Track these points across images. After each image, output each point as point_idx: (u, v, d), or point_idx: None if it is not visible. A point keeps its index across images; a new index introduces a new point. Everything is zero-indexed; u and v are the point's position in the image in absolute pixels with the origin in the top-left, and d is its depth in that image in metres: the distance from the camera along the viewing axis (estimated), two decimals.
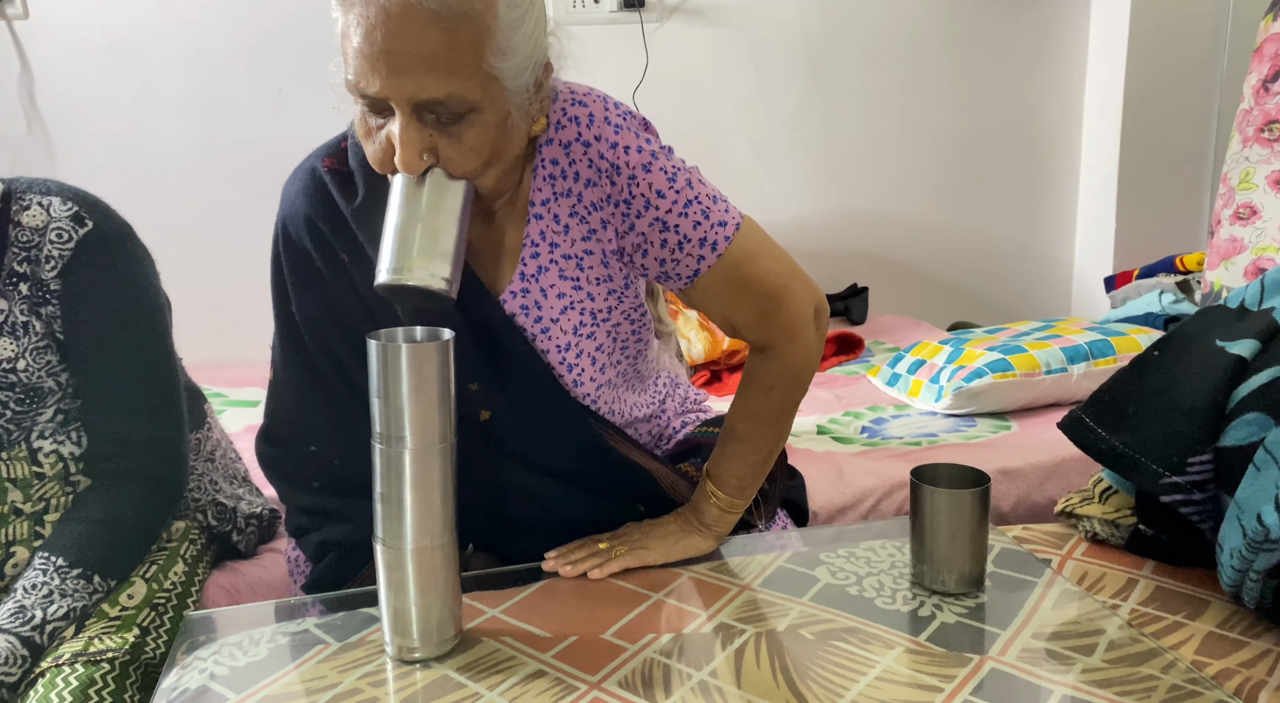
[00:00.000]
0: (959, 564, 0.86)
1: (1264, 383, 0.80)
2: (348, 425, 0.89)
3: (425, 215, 0.76)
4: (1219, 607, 0.85)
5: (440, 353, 0.72)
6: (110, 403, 1.00)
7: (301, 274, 0.93)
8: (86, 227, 0.97)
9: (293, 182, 0.95)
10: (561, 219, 0.89)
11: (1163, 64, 2.53)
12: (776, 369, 0.93)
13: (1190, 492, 0.83)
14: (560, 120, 0.87)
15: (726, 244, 0.88)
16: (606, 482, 0.96)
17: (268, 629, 0.83)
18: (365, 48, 0.72)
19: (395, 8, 0.71)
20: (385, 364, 0.71)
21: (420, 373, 0.71)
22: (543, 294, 0.91)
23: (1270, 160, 1.65)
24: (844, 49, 2.48)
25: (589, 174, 0.86)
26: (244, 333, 2.23)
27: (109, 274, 0.98)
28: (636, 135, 0.87)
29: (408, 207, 0.76)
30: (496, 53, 0.75)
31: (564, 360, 0.93)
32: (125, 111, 2.14)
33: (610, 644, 0.79)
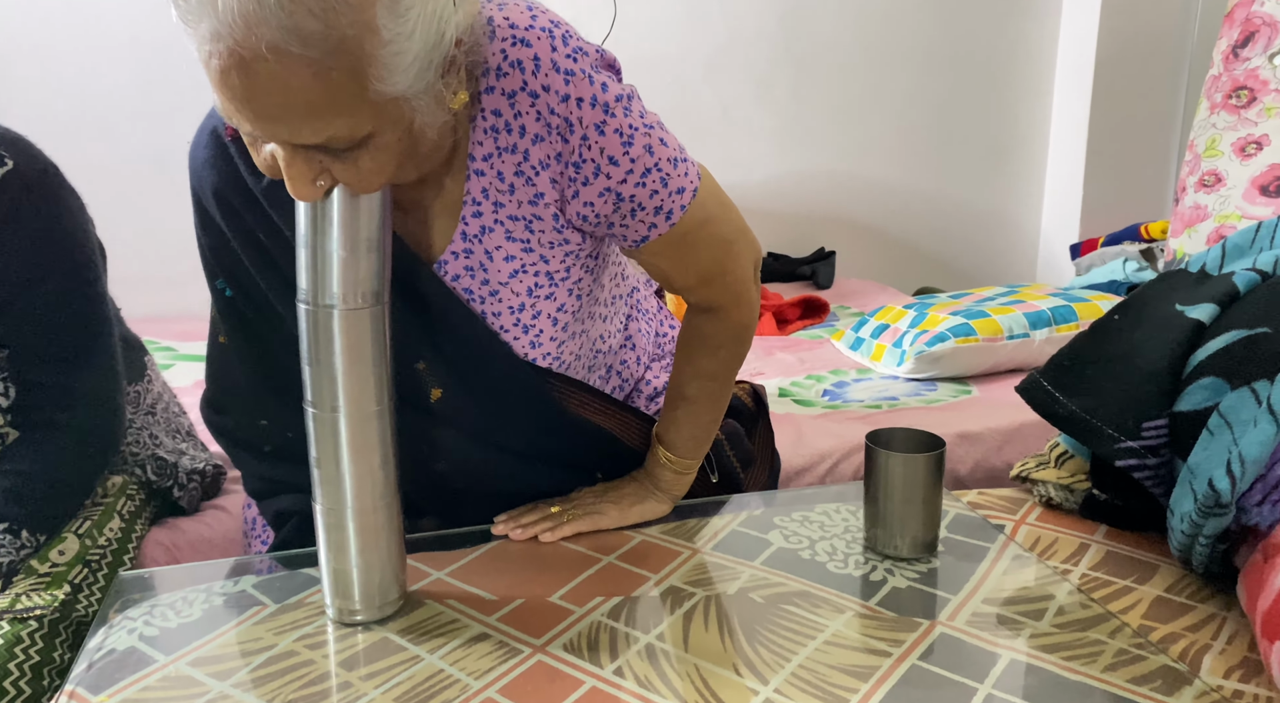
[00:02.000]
0: (912, 529, 0.85)
1: (1220, 347, 0.80)
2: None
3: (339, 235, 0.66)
4: (1167, 571, 0.85)
5: (373, 317, 0.68)
6: (38, 352, 0.95)
7: (221, 248, 0.87)
8: (5, 166, 0.91)
9: (198, 148, 0.86)
10: (506, 177, 0.79)
11: (1134, 29, 2.52)
12: (723, 328, 0.90)
13: (1145, 457, 0.83)
14: (501, 65, 0.75)
15: (681, 213, 0.82)
16: (565, 450, 0.93)
17: (203, 589, 0.81)
18: (225, 89, 0.60)
19: (249, 53, 0.58)
20: (316, 329, 0.67)
21: (352, 336, 0.67)
22: (488, 257, 0.83)
23: (1236, 127, 1.65)
24: (815, 6, 2.43)
25: (536, 128, 0.76)
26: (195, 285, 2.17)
27: (32, 217, 0.92)
28: (591, 81, 0.76)
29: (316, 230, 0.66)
30: (384, 75, 0.62)
31: (519, 322, 0.86)
32: (66, 48, 2.05)
33: (557, 608, 0.78)
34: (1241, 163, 1.62)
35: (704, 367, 0.92)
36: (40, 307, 0.94)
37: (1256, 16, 1.66)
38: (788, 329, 2.11)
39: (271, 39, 0.57)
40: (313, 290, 0.66)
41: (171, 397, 1.24)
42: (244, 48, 0.58)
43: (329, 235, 0.65)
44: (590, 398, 0.94)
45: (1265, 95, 1.62)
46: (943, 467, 0.85)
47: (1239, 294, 0.86)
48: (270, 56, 0.57)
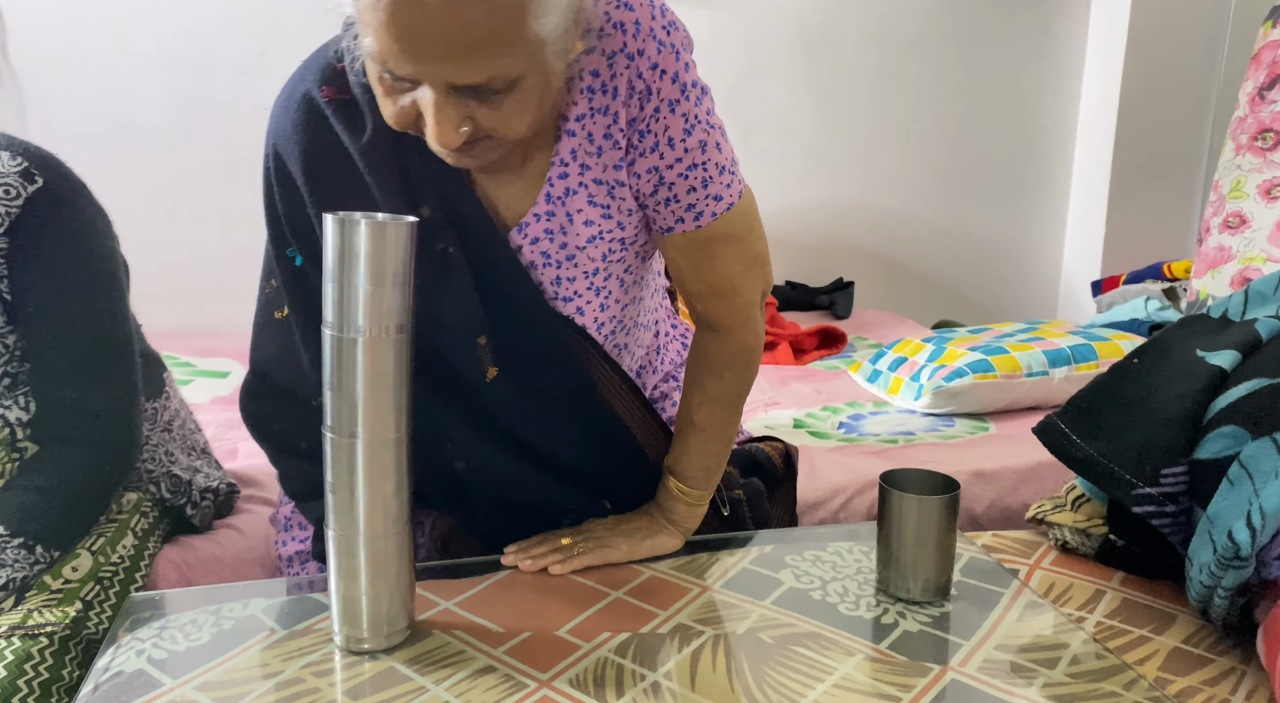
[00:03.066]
0: (924, 572, 0.84)
1: (1242, 395, 0.79)
2: None
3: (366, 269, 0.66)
4: (1185, 622, 0.84)
5: (396, 346, 0.69)
6: (59, 368, 0.96)
7: (297, 214, 0.85)
8: (36, 183, 0.93)
9: (285, 112, 0.83)
10: (595, 139, 0.79)
11: (1160, 67, 2.51)
12: (727, 350, 0.90)
13: (1163, 503, 0.81)
14: (604, 26, 0.75)
15: (711, 219, 0.83)
16: (585, 454, 0.92)
17: (212, 612, 0.81)
18: (392, 28, 0.62)
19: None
20: (339, 357, 0.68)
21: (375, 365, 0.68)
22: (569, 219, 0.83)
23: (1262, 169, 1.63)
24: (839, 37, 2.44)
25: (627, 92, 0.77)
26: (216, 302, 2.19)
27: (59, 233, 0.94)
28: (677, 57, 0.77)
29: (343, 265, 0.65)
30: (540, 14, 0.65)
31: (591, 285, 0.86)
32: (100, 68, 2.09)
33: (564, 642, 0.77)
34: (1267, 205, 1.61)
35: (711, 391, 0.92)
36: (65, 322, 0.96)
37: None
38: (804, 359, 2.11)
39: None
40: (338, 322, 0.67)
41: (188, 414, 1.25)
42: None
43: (356, 270, 0.65)
44: (622, 385, 0.94)
45: None
46: (957, 509, 0.84)
47: (1261, 342, 0.85)
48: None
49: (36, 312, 0.94)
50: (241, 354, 1.98)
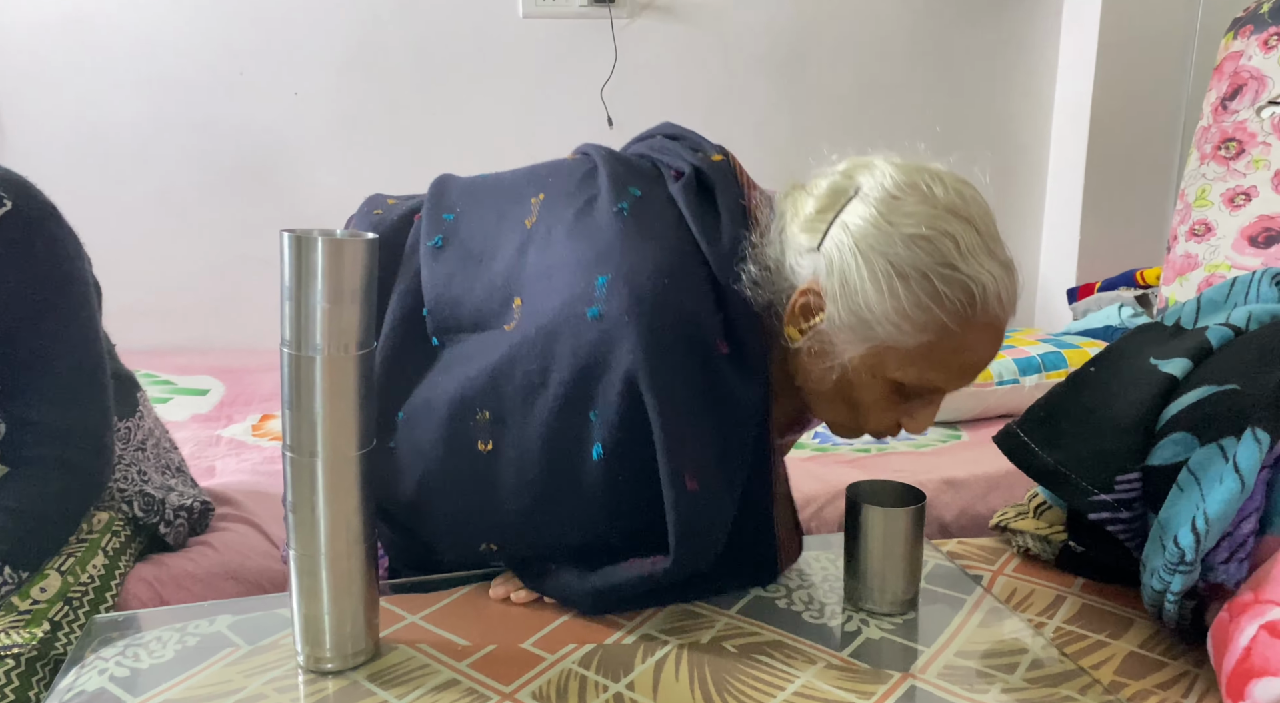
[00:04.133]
0: (892, 585, 0.85)
1: (1191, 402, 0.80)
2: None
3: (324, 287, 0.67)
4: (1141, 626, 0.85)
5: (356, 363, 0.69)
6: (30, 389, 0.96)
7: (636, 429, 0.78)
8: (4, 206, 0.93)
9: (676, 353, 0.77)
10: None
11: (1130, 79, 2.55)
12: None
13: (1118, 510, 0.83)
14: None
15: None
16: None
17: (177, 629, 0.81)
18: (975, 359, 0.77)
19: (1005, 324, 0.77)
20: (297, 375, 0.68)
21: (334, 382, 0.68)
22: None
23: (1225, 178, 1.66)
24: (813, 52, 2.47)
25: None
26: (194, 319, 2.20)
27: (29, 257, 0.94)
28: None
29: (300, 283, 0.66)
30: None
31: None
32: (75, 87, 2.09)
33: (529, 654, 0.78)
34: (1231, 214, 1.64)
35: None
36: (36, 346, 0.96)
37: (1244, 70, 1.68)
38: None
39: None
40: (295, 340, 0.67)
41: (163, 432, 1.25)
42: (1006, 325, 0.77)
43: (313, 288, 0.66)
44: None
45: (1253, 147, 1.64)
46: (923, 521, 0.85)
47: (1212, 349, 0.87)
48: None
49: (8, 334, 0.95)
50: (220, 371, 1.99)
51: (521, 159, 1.05)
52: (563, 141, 2.35)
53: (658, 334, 0.76)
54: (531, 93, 2.28)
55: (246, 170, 2.20)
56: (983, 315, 0.74)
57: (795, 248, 0.80)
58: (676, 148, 0.94)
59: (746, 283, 0.81)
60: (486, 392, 0.81)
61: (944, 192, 0.76)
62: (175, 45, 2.12)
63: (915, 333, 0.74)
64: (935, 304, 0.73)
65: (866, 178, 0.79)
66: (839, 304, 0.76)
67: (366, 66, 2.22)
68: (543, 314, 0.81)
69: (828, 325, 0.77)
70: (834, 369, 0.79)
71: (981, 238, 0.74)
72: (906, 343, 0.75)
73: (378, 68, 2.22)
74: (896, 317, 0.74)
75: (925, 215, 0.74)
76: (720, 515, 0.82)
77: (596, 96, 2.29)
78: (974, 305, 0.73)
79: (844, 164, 0.83)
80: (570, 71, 2.28)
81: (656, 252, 0.81)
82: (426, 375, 0.86)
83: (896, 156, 0.82)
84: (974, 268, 0.73)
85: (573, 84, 2.28)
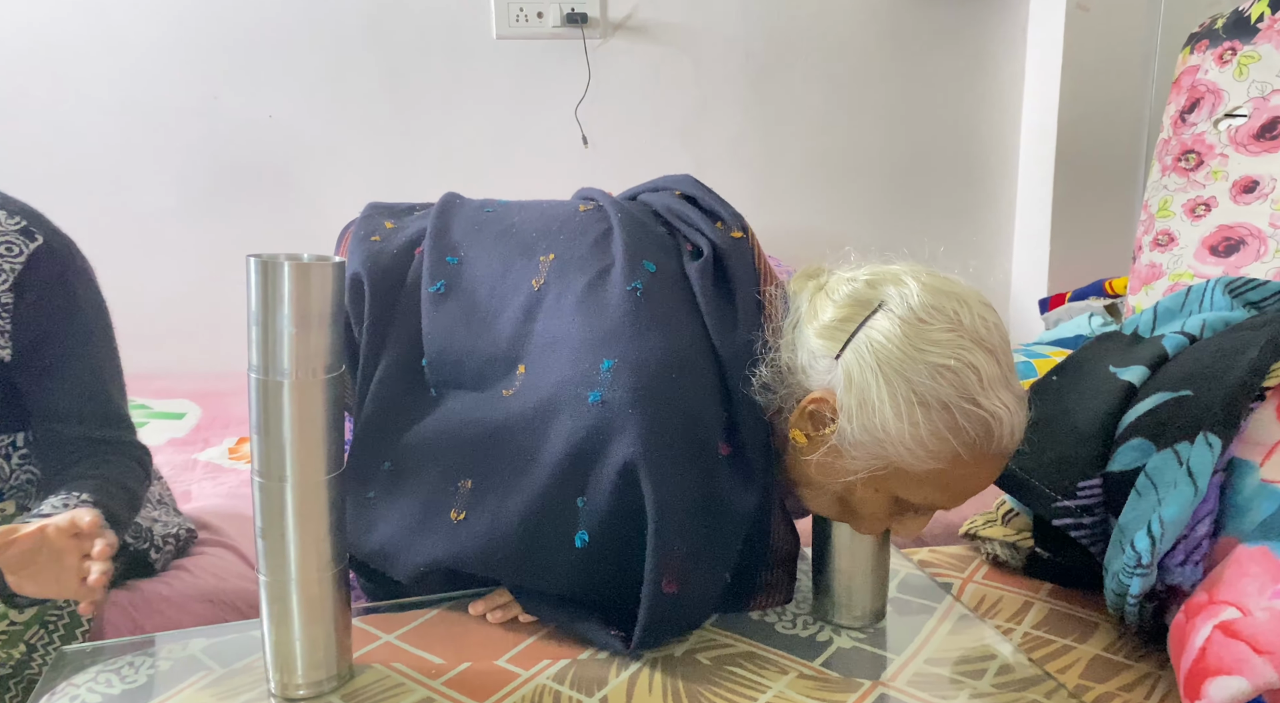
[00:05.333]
0: (859, 600, 0.86)
1: (1148, 409, 0.82)
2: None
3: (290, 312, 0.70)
4: (1106, 630, 0.87)
5: (325, 387, 0.70)
6: (75, 414, 0.98)
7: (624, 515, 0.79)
8: (37, 241, 0.96)
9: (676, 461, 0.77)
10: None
11: (1094, 94, 2.61)
12: None
13: (1080, 516, 0.85)
14: None
15: None
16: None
17: (150, 654, 0.81)
18: (978, 485, 0.77)
19: (1004, 462, 0.76)
20: (265, 400, 0.68)
21: (303, 407, 0.69)
22: None
23: (1186, 189, 1.70)
24: (785, 70, 2.51)
25: None
26: (170, 343, 2.19)
27: (64, 288, 0.97)
28: None
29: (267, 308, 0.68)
30: None
31: None
32: (49, 114, 2.09)
33: (503, 671, 0.78)
34: (1192, 224, 1.67)
35: None
36: (89, 370, 0.99)
37: (1201, 84, 1.73)
38: None
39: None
40: (262, 365, 0.68)
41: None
42: (1011, 451, 0.75)
43: (280, 312, 0.67)
44: None
45: (1212, 159, 1.68)
46: (889, 535, 0.87)
47: (1168, 357, 0.89)
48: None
49: (56, 363, 0.97)
50: (197, 395, 1.98)
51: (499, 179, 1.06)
52: (539, 161, 2.38)
53: (660, 428, 0.75)
54: (506, 113, 2.30)
55: (221, 194, 2.20)
56: (996, 447, 0.73)
57: (810, 350, 0.77)
58: (694, 216, 0.90)
59: (756, 386, 0.80)
60: (476, 460, 0.81)
61: (970, 319, 0.74)
62: (148, 71, 2.13)
63: (928, 459, 0.73)
64: (953, 435, 0.71)
65: (893, 292, 0.76)
66: (854, 422, 0.74)
67: (340, 89, 2.23)
68: (543, 389, 0.80)
69: (838, 439, 0.75)
70: (841, 482, 0.78)
71: (1001, 370, 0.73)
72: (917, 467, 0.73)
73: (352, 90, 2.23)
74: (913, 443, 0.72)
75: (952, 344, 0.72)
76: (691, 616, 0.83)
77: (571, 116, 2.31)
78: (990, 439, 0.72)
79: (866, 271, 0.80)
80: (544, 92, 2.30)
81: (667, 340, 0.79)
82: (420, 424, 0.85)
83: (922, 269, 0.80)
84: (994, 403, 0.71)
85: (547, 104, 2.30)
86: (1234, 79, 1.64)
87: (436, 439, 0.83)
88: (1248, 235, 1.56)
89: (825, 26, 2.53)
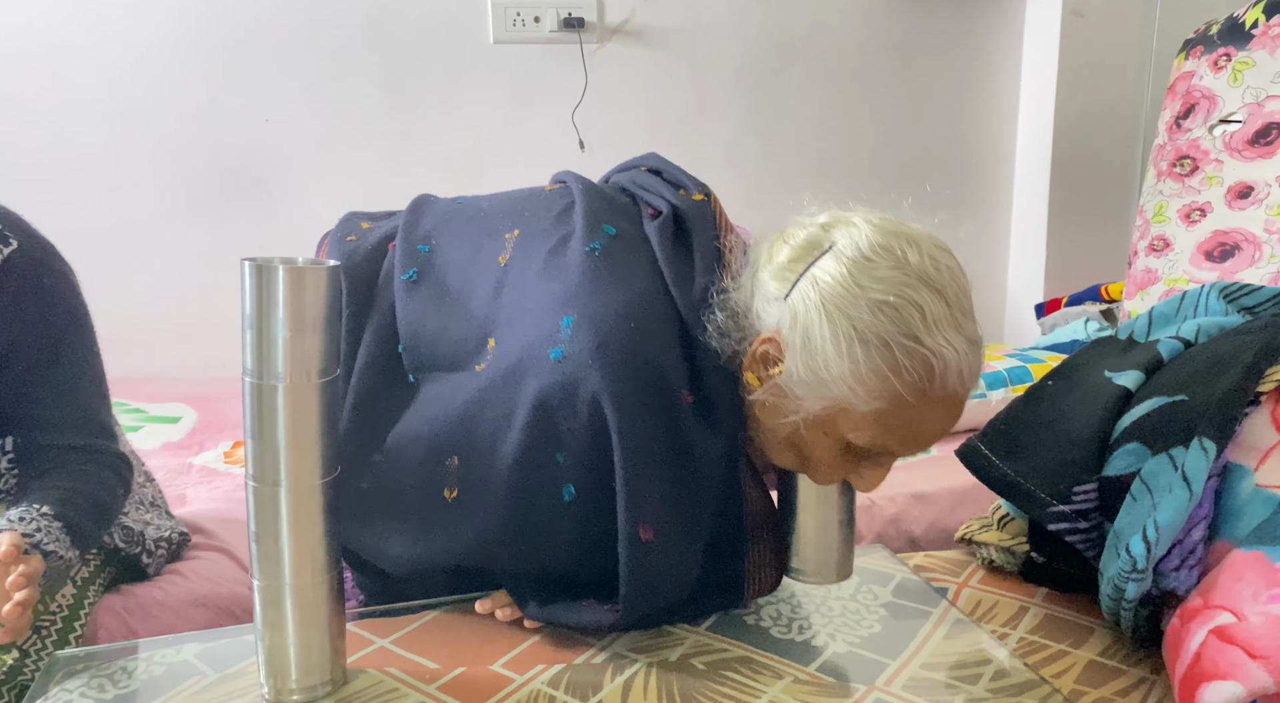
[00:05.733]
0: (821, 555, 0.86)
1: (1143, 414, 0.83)
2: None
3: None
4: (1102, 635, 0.87)
5: (319, 391, 0.70)
6: (51, 421, 0.98)
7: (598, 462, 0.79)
8: (11, 245, 0.95)
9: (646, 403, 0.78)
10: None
11: (1090, 100, 2.61)
12: None
13: (1076, 520, 0.85)
14: None
15: None
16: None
17: (144, 659, 0.81)
18: (929, 430, 0.76)
19: (965, 397, 0.75)
20: (259, 404, 0.68)
21: (297, 411, 0.69)
22: None
23: (1181, 194, 1.71)
24: (782, 74, 2.51)
25: None
26: (166, 346, 2.18)
27: (40, 293, 0.96)
28: None
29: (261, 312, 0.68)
30: None
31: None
32: (46, 117, 2.09)
33: (498, 676, 0.78)
34: (1187, 229, 1.68)
35: None
36: (63, 377, 0.98)
37: (1196, 90, 1.73)
38: None
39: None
40: (257, 369, 0.68)
41: (139, 464, 1.24)
42: (965, 398, 0.75)
43: (274, 317, 0.67)
44: None
45: (1206, 164, 1.68)
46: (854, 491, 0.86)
47: (1163, 361, 0.89)
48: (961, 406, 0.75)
49: (29, 370, 0.96)
50: (192, 398, 1.98)
51: (496, 184, 1.06)
52: (536, 165, 2.37)
53: (622, 378, 0.76)
54: (503, 117, 2.30)
55: (218, 198, 2.20)
56: (940, 389, 0.72)
57: (764, 294, 0.79)
58: (657, 184, 0.92)
59: (713, 332, 0.81)
60: (457, 437, 0.81)
61: (919, 258, 0.74)
62: (145, 74, 2.12)
63: (870, 399, 0.73)
64: (893, 374, 0.71)
65: (843, 234, 0.77)
66: (799, 359, 0.75)
67: (337, 93, 2.23)
68: (509, 355, 0.81)
69: (784, 378, 0.76)
70: (788, 421, 0.78)
71: (950, 310, 0.72)
72: (860, 407, 0.74)
73: (349, 94, 2.23)
74: (854, 381, 0.72)
75: (896, 282, 0.72)
76: (674, 568, 0.82)
77: (568, 120, 2.31)
78: (932, 379, 0.71)
79: (824, 216, 0.82)
80: (541, 96, 2.30)
81: (625, 294, 0.80)
82: (403, 414, 0.86)
83: (878, 215, 0.80)
84: (937, 342, 0.71)
85: (544, 108, 2.31)
86: (1229, 85, 1.65)
87: (419, 424, 0.84)
88: (1242, 240, 1.56)
89: (821, 33, 2.53)
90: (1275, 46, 1.60)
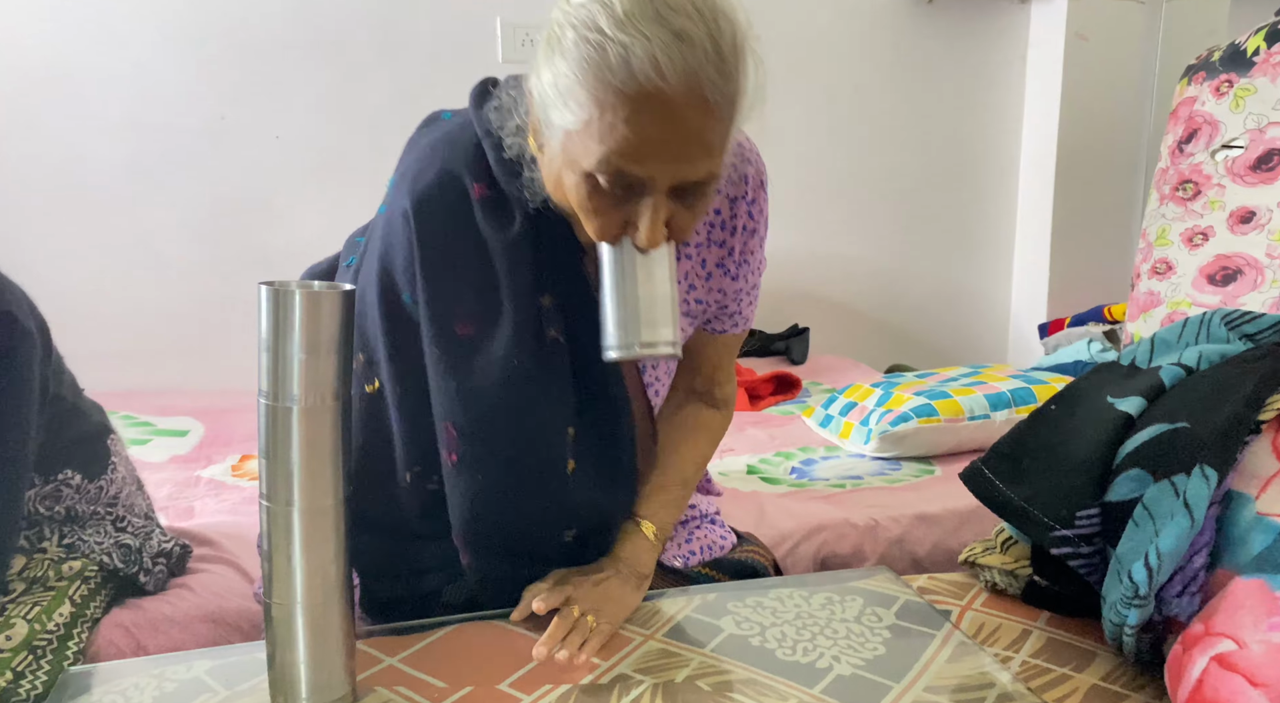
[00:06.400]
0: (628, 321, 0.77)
1: (1145, 440, 0.83)
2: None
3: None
4: (1105, 659, 0.87)
5: (333, 413, 0.71)
6: None
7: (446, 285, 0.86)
8: None
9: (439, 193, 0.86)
10: (708, 265, 0.97)
11: (1093, 123, 2.63)
12: (723, 422, 1.09)
13: (1078, 545, 0.85)
14: (732, 175, 0.93)
15: (745, 326, 1.05)
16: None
17: (154, 676, 0.81)
18: (641, 136, 0.69)
19: (681, 99, 0.68)
20: (274, 425, 0.69)
21: (311, 432, 0.70)
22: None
23: (1184, 218, 1.72)
24: (787, 91, 2.54)
25: (742, 233, 0.96)
26: (174, 360, 2.20)
27: None
28: (766, 218, 0.99)
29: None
30: (739, 124, 0.77)
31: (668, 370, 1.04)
32: (57, 133, 2.11)
33: (505, 696, 0.79)
34: (1190, 252, 1.69)
35: (706, 453, 1.06)
36: None
37: (1198, 115, 1.75)
38: (760, 405, 2.15)
39: (706, 94, 0.70)
40: (273, 390, 0.69)
41: (134, 486, 1.22)
42: (682, 100, 0.69)
43: (290, 340, 0.68)
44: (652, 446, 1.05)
45: (1209, 189, 1.69)
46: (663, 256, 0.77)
47: (1165, 388, 0.90)
48: (700, 106, 0.70)
49: None
50: (201, 412, 1.99)
51: None
52: None
53: (415, 180, 0.86)
54: None
55: (228, 212, 2.22)
56: (631, 83, 0.67)
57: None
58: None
59: (510, 130, 0.84)
60: (357, 332, 0.90)
61: None
62: (156, 91, 2.15)
63: (578, 109, 0.70)
64: (580, 71, 0.69)
65: None
66: (534, 102, 0.76)
67: (348, 110, 2.25)
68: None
69: (535, 131, 0.79)
70: (554, 176, 0.78)
71: (654, 6, 0.68)
72: (573, 124, 0.71)
73: (359, 111, 2.26)
74: (553, 92, 0.71)
75: None
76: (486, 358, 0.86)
77: None
78: (628, 69, 0.67)
79: None
80: None
81: (430, 138, 0.90)
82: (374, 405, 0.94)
83: None
84: (626, 32, 0.67)
85: None
86: (1230, 111, 1.66)
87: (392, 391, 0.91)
88: (1245, 265, 1.57)
89: (824, 51, 2.56)
90: (1276, 74, 1.62)
